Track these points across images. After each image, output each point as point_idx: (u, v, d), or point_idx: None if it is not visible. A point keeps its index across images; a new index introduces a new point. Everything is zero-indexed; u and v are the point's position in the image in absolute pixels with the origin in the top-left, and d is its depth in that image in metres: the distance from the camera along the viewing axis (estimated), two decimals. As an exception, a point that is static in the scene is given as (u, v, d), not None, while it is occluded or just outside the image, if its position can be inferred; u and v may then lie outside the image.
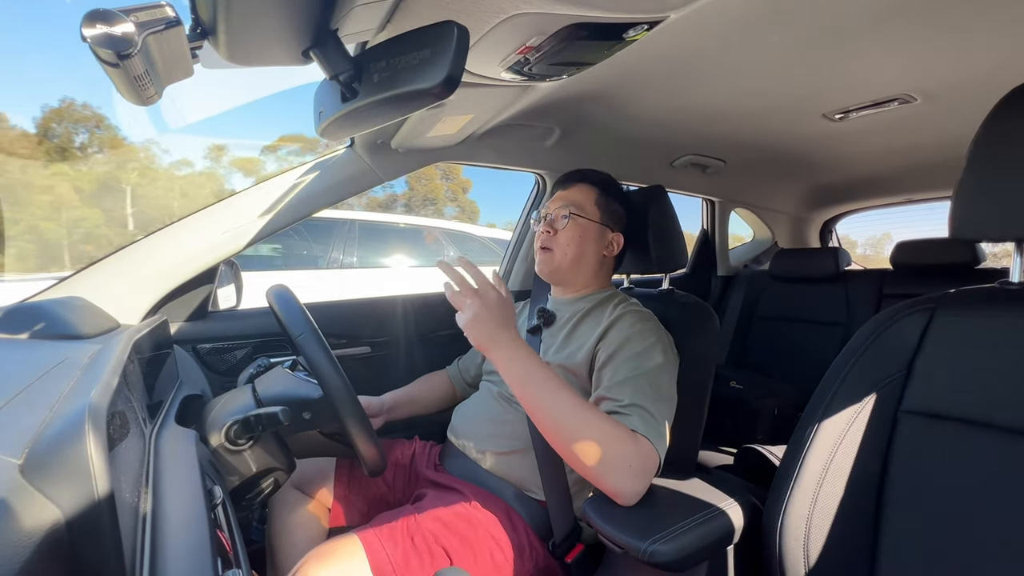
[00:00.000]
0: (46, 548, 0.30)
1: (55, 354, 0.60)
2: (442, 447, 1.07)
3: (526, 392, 0.73)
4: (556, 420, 0.72)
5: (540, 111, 1.16)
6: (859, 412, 0.67)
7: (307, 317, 0.80)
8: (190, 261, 1.05)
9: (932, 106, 1.18)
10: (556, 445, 0.74)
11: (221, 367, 1.17)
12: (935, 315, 0.66)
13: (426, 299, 1.48)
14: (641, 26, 0.73)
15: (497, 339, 0.73)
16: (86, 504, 0.32)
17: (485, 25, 0.69)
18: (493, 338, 0.73)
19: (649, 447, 0.73)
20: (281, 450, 0.79)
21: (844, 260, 1.89)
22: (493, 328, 0.72)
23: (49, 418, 0.38)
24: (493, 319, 0.72)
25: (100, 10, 0.45)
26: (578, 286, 1.04)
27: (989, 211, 0.62)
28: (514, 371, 0.73)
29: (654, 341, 0.87)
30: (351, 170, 1.18)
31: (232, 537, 0.55)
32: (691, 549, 0.66)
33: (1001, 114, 0.63)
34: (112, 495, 0.34)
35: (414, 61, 0.55)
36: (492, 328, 0.72)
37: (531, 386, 0.73)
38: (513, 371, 0.73)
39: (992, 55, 0.92)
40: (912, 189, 2.08)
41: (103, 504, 0.33)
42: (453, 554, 0.79)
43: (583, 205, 1.01)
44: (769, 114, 1.28)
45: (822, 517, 0.67)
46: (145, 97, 0.55)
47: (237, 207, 1.10)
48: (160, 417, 0.66)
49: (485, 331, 0.72)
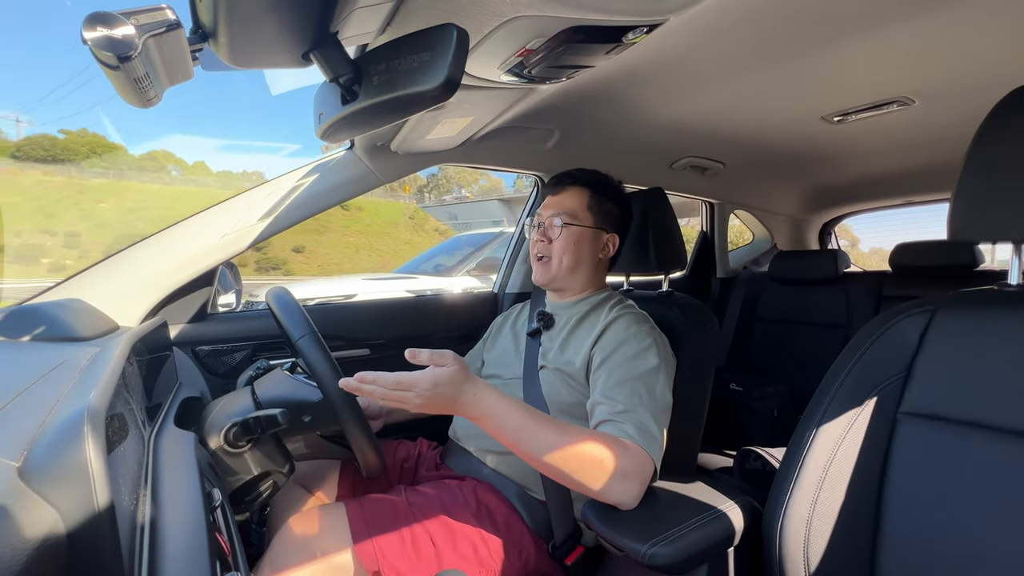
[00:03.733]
0: (44, 551, 0.30)
1: (54, 356, 0.60)
2: (444, 447, 1.07)
3: (505, 440, 0.71)
4: (542, 460, 0.70)
5: (539, 113, 1.17)
6: (859, 414, 0.67)
7: (306, 319, 0.80)
8: (189, 263, 1.05)
9: (930, 108, 1.18)
10: (550, 477, 0.73)
11: (220, 369, 1.17)
12: (934, 317, 0.66)
13: (425, 301, 1.48)
14: (640, 29, 0.73)
15: (459, 403, 0.69)
16: (84, 507, 0.32)
17: (485, 28, 0.69)
18: (456, 404, 0.69)
19: (643, 454, 0.73)
20: (280, 452, 0.79)
21: (843, 262, 1.89)
22: (448, 399, 0.68)
23: (47, 420, 0.38)
24: (445, 392, 0.67)
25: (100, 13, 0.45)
26: (575, 290, 1.04)
27: (988, 212, 0.63)
28: (487, 425, 0.70)
29: (649, 343, 0.87)
30: (351, 172, 1.18)
31: (231, 540, 0.55)
32: (691, 551, 0.66)
33: (999, 116, 0.63)
34: (111, 498, 0.34)
35: (414, 64, 0.56)
36: (444, 402, 0.68)
37: (507, 435, 0.70)
38: (486, 425, 0.70)
39: (990, 58, 0.92)
40: (911, 191, 2.09)
41: (102, 507, 0.33)
42: (444, 551, 0.79)
43: (576, 212, 1.00)
44: (768, 117, 1.28)
45: (822, 519, 0.67)
46: (146, 99, 0.56)
47: (237, 209, 1.10)
48: (159, 419, 0.66)
49: (444, 404, 0.68)
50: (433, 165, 1.31)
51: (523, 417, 0.70)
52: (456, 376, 0.67)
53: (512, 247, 1.65)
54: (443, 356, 0.68)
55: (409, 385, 0.66)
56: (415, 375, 0.66)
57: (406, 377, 0.66)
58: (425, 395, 0.66)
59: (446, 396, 0.67)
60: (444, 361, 0.68)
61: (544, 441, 0.69)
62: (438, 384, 0.66)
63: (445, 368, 0.67)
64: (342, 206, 0.95)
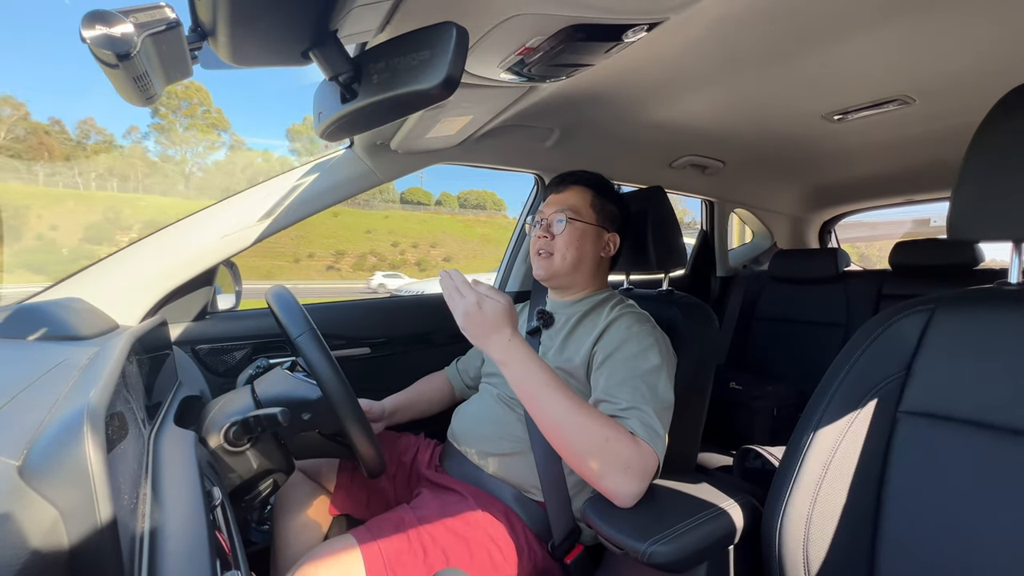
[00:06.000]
0: (44, 550, 0.30)
1: (54, 355, 0.60)
2: (442, 448, 1.07)
3: (524, 390, 0.74)
4: (554, 419, 0.72)
5: (539, 112, 1.17)
6: (858, 413, 0.67)
7: (306, 318, 0.80)
8: (189, 262, 1.05)
9: (930, 107, 1.18)
10: (555, 443, 0.74)
11: (220, 368, 1.17)
12: (934, 316, 0.66)
13: (425, 300, 1.48)
14: (640, 27, 0.73)
15: (492, 337, 0.74)
16: (84, 506, 0.32)
17: (485, 26, 0.69)
18: (488, 336, 0.74)
19: (648, 449, 0.73)
20: (280, 451, 0.79)
21: (843, 261, 1.89)
22: (487, 327, 0.73)
23: (47, 419, 0.38)
24: (485, 318, 0.73)
25: (99, 11, 0.45)
26: (576, 289, 1.04)
27: (987, 211, 0.62)
28: (511, 370, 0.74)
29: (651, 343, 0.87)
30: (351, 171, 1.18)
31: (231, 538, 0.55)
32: (691, 550, 0.66)
33: (999, 114, 0.63)
34: (111, 497, 0.34)
35: (414, 62, 0.55)
36: (486, 327, 0.73)
37: (529, 385, 0.73)
38: (510, 370, 0.74)
39: (989, 56, 0.92)
40: (911, 190, 2.09)
41: (101, 505, 0.33)
42: (450, 554, 0.79)
43: (579, 208, 1.01)
44: (768, 115, 1.28)
45: (822, 517, 0.67)
46: (145, 98, 0.55)
47: (237, 208, 1.10)
48: (159, 418, 0.66)
49: (478, 329, 0.74)
50: (433, 164, 1.31)
51: (548, 375, 0.74)
52: (500, 313, 0.74)
53: (512, 246, 1.65)
54: (500, 293, 0.76)
55: (466, 291, 0.75)
56: (473, 288, 0.75)
57: (468, 286, 0.75)
58: (470, 307, 0.73)
59: (485, 323, 0.73)
60: (499, 297, 0.75)
61: (563, 404, 0.73)
62: (483, 308, 0.73)
63: (495, 300, 0.74)
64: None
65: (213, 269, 1.11)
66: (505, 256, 1.66)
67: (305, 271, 23.09)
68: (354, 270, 24.13)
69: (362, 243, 26.84)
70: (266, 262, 23.71)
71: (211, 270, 1.10)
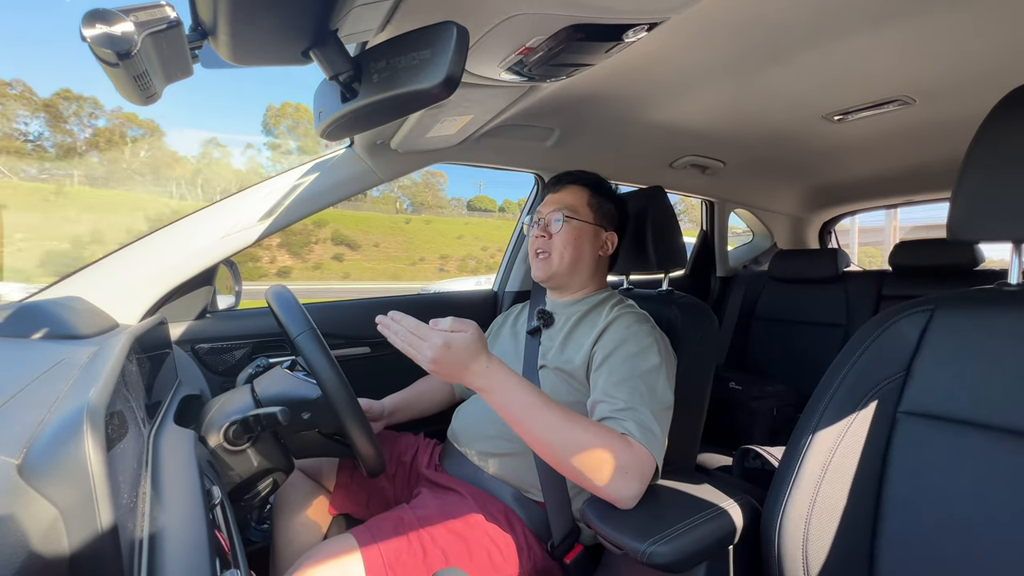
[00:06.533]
0: (44, 548, 0.30)
1: (53, 354, 0.60)
2: (442, 448, 1.07)
3: (510, 415, 0.71)
4: (545, 439, 0.70)
5: (540, 112, 1.17)
6: (858, 413, 0.67)
7: (306, 317, 0.80)
8: (189, 261, 1.05)
9: (930, 107, 1.18)
10: (548, 460, 0.73)
11: (220, 367, 1.17)
12: (934, 316, 0.66)
13: (425, 300, 1.48)
14: (640, 27, 0.73)
15: (470, 368, 0.70)
16: (84, 504, 0.32)
17: (485, 26, 0.69)
18: (466, 368, 0.70)
19: (644, 452, 0.73)
20: (280, 450, 0.79)
21: (843, 261, 1.89)
22: (460, 363, 0.69)
23: (47, 418, 0.38)
24: (457, 355, 0.68)
25: (99, 10, 0.45)
26: (575, 288, 1.04)
27: (988, 212, 0.62)
28: (494, 398, 0.71)
29: (650, 343, 0.87)
30: (351, 170, 1.18)
31: (231, 537, 0.55)
32: (690, 550, 0.66)
33: (1000, 115, 0.63)
34: (110, 495, 0.34)
35: (414, 61, 0.55)
36: (459, 363, 0.69)
37: (514, 409, 0.71)
38: (493, 398, 0.71)
39: (990, 56, 0.92)
40: (911, 190, 2.09)
41: (101, 504, 0.33)
42: (450, 553, 0.79)
43: (576, 207, 1.01)
44: (768, 115, 1.28)
45: (821, 518, 0.67)
46: (145, 97, 0.55)
47: (236, 207, 1.10)
48: (159, 417, 0.66)
49: (453, 368, 0.69)
50: (433, 163, 1.31)
51: (531, 395, 0.72)
52: (471, 344, 0.69)
53: (512, 246, 1.65)
54: (464, 323, 0.70)
55: (424, 335, 0.69)
56: (433, 329, 0.69)
57: (425, 328, 0.69)
58: (436, 350, 0.67)
59: (457, 361, 0.69)
60: (464, 328, 0.70)
61: (550, 423, 0.70)
62: (450, 346, 0.68)
63: (461, 334, 0.69)
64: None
65: (213, 268, 1.11)
66: (505, 256, 1.66)
67: (423, 273, 24.04)
68: (459, 271, 25.12)
69: (457, 247, 28.00)
70: (390, 265, 24.72)
71: (211, 269, 1.10)
